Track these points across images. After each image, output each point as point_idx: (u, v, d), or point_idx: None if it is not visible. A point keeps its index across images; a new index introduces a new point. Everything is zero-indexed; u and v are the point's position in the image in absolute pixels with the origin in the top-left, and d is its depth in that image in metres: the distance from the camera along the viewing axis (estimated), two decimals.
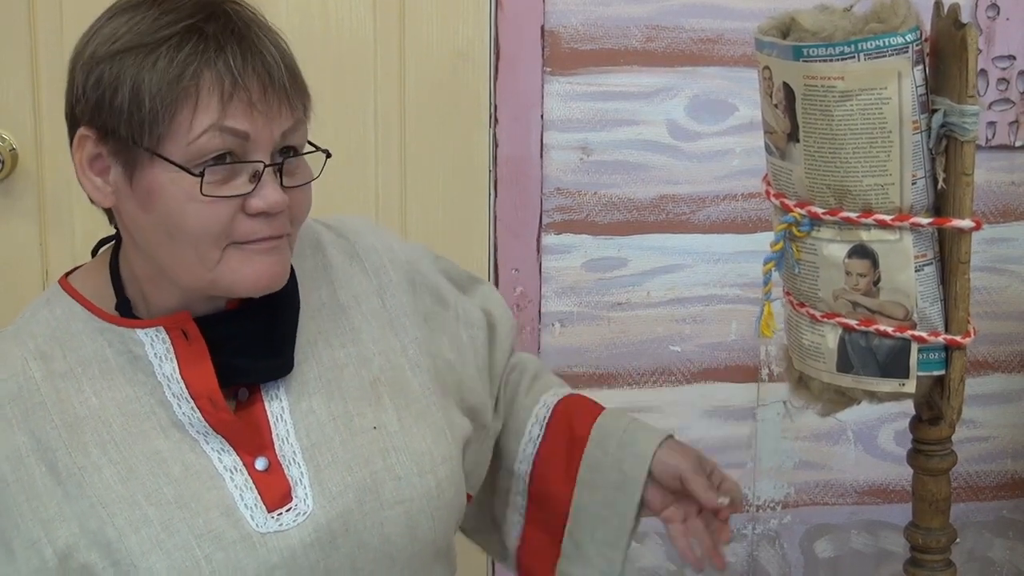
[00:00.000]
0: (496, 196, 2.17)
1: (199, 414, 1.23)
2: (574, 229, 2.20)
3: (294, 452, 1.25)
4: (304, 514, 1.23)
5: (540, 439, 1.49)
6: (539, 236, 2.18)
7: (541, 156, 2.16)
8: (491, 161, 2.17)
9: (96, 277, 1.28)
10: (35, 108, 1.98)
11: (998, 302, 2.29)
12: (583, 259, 2.21)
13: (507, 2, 2.07)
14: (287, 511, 1.23)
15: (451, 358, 1.42)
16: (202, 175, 1.16)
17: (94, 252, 1.33)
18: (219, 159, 1.17)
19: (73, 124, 1.22)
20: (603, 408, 1.52)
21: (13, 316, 1.29)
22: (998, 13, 2.17)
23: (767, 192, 1.53)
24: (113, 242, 1.30)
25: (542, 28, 2.09)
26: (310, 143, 1.25)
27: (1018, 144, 2.23)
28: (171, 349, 1.24)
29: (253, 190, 1.18)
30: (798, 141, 1.42)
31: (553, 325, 2.19)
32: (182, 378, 1.23)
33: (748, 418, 2.26)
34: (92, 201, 1.24)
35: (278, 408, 1.26)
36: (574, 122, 2.17)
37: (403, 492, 1.28)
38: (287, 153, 1.21)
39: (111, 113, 1.17)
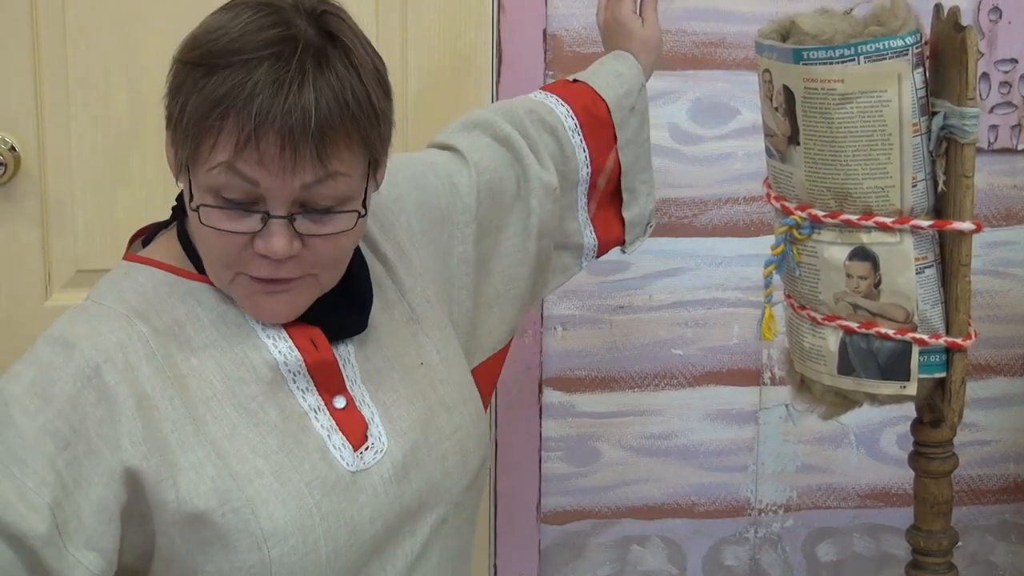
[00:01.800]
0: None
1: (297, 352, 1.27)
2: None
3: (363, 393, 1.31)
4: (381, 451, 1.29)
5: (584, 145, 1.63)
6: None
7: None
8: None
9: (169, 248, 1.31)
10: (37, 110, 1.97)
11: (1000, 305, 2.29)
12: None
13: (509, 5, 2.07)
14: (366, 449, 1.28)
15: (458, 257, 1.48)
16: (197, 210, 1.19)
17: (147, 238, 1.34)
18: (226, 200, 1.18)
19: None
20: (585, 84, 1.66)
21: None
22: (1000, 16, 2.17)
23: (768, 195, 1.53)
24: (176, 219, 1.32)
25: (544, 31, 2.09)
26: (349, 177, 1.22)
27: (1020, 148, 2.22)
28: None
29: (260, 231, 1.19)
30: (798, 144, 1.42)
31: (555, 328, 2.19)
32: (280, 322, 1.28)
33: (750, 421, 2.26)
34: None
35: (345, 353, 1.31)
36: None
37: (455, 421, 1.36)
38: (307, 207, 1.20)
39: (171, 112, 1.21)
